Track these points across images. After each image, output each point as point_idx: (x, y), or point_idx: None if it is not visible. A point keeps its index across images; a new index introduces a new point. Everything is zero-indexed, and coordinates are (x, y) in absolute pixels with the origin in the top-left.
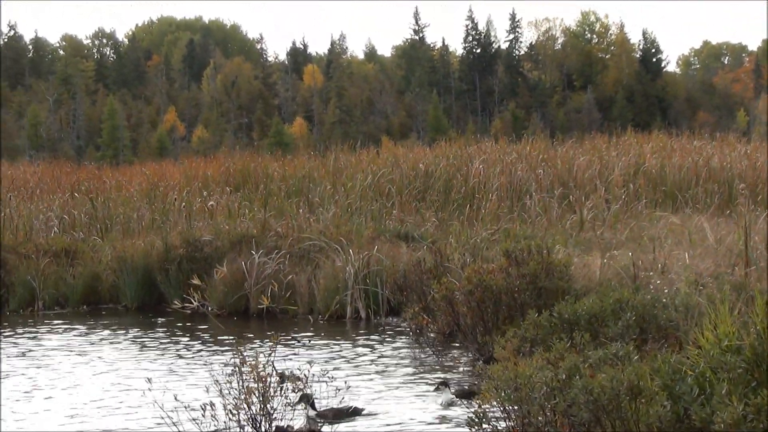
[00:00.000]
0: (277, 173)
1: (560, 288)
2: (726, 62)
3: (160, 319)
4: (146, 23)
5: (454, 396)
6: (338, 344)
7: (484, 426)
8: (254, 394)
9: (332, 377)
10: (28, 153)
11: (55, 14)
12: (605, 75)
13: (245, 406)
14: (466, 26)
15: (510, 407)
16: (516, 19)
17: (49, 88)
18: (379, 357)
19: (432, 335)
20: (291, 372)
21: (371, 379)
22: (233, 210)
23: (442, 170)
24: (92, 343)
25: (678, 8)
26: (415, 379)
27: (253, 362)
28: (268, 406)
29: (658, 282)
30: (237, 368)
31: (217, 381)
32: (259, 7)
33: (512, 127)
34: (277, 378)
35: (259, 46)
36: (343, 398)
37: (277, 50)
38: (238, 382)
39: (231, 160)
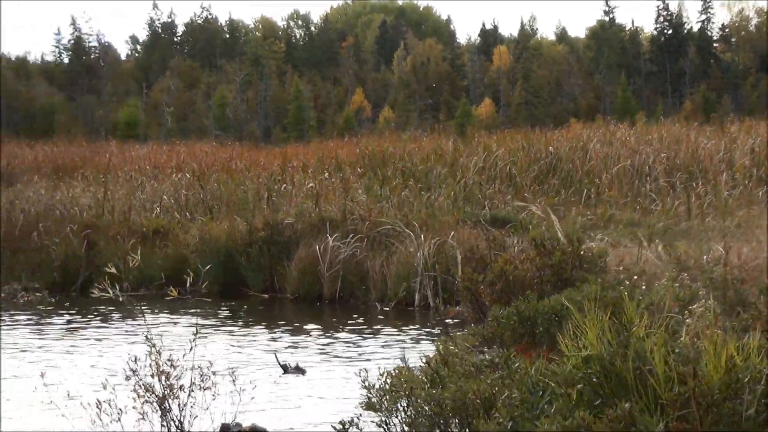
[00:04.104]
0: (409, 156)
1: (587, 279)
2: None
3: (234, 303)
4: (342, 5)
5: None
6: (373, 336)
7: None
8: (151, 391)
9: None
10: (213, 133)
11: None
12: None
13: (139, 405)
14: (657, 7)
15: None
16: (708, 0)
17: (237, 70)
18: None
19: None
20: (296, 364)
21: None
22: (349, 191)
23: (564, 153)
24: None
25: None
26: None
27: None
28: (171, 403)
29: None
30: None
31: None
32: None
33: (703, 109)
34: (281, 369)
35: (451, 27)
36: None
37: (469, 32)
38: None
39: (361, 142)
